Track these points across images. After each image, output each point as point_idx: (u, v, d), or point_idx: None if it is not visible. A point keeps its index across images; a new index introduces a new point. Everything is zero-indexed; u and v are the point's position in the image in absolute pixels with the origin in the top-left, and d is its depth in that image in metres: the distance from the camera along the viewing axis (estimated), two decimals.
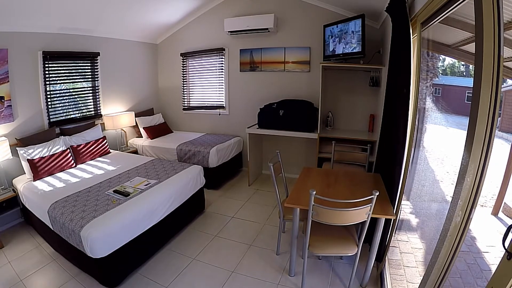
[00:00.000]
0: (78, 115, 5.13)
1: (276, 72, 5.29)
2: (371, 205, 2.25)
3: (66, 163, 4.30)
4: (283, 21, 5.06)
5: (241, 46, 5.53)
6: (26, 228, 4.11)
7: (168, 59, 6.53)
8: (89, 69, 5.24)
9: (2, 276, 3.18)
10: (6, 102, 4.08)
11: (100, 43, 5.31)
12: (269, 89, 5.41)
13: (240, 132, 5.77)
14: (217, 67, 5.91)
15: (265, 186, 5.08)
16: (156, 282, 2.91)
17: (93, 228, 2.68)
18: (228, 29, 5.24)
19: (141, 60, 6.30)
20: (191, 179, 3.86)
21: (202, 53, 5.96)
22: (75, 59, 4.99)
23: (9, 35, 4.04)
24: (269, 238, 3.52)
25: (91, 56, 5.18)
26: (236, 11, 5.35)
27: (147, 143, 5.65)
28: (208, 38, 5.84)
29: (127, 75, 5.97)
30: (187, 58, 6.22)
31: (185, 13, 5.67)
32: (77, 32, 4.87)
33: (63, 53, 4.74)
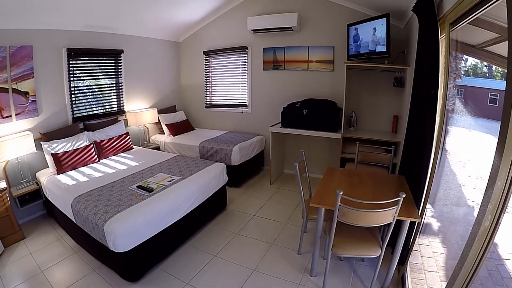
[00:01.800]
0: (101, 111, 5.21)
1: (299, 71, 5.26)
2: (397, 207, 2.22)
3: (89, 157, 4.37)
4: (307, 20, 5.03)
5: (264, 45, 5.52)
6: (48, 220, 4.20)
7: (191, 57, 6.57)
8: (113, 66, 5.32)
9: (23, 267, 3.25)
10: (30, 98, 4.17)
11: (124, 40, 5.38)
12: (292, 88, 5.38)
13: (262, 130, 5.76)
14: (240, 66, 5.91)
15: (286, 185, 5.05)
16: (176, 277, 2.93)
17: (116, 222, 2.71)
18: (251, 27, 5.24)
19: (164, 58, 6.36)
20: (214, 177, 3.86)
21: (225, 51, 5.97)
22: (99, 56, 5.07)
23: (34, 32, 4.13)
24: (291, 238, 3.49)
25: (115, 53, 5.25)
26: (259, 10, 5.34)
27: (169, 139, 5.70)
28: (231, 36, 5.86)
29: (150, 73, 6.05)
30: (210, 56, 6.24)
31: (207, 11, 5.69)
32: (101, 29, 4.94)
33: (87, 50, 4.82)
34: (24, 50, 4.02)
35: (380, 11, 4.21)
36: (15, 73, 3.97)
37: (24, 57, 4.03)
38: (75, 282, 2.93)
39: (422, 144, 2.63)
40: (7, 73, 3.90)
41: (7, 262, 3.36)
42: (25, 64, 4.06)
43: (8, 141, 3.73)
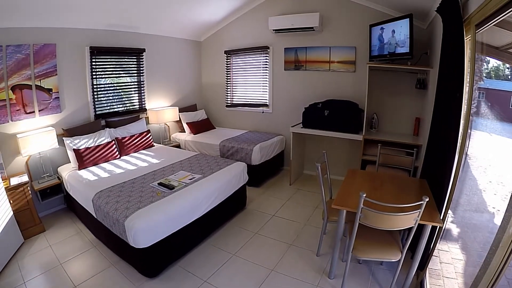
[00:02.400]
0: (122, 109, 5.29)
1: (321, 71, 5.22)
2: (420, 211, 2.19)
3: (110, 154, 4.45)
4: (328, 20, 5.00)
5: (285, 45, 5.50)
6: (68, 214, 4.28)
7: (212, 56, 6.61)
8: (135, 65, 5.39)
9: (42, 259, 3.32)
10: (54, 94, 4.27)
11: (146, 39, 5.45)
12: (313, 89, 5.35)
13: (282, 130, 5.75)
14: (261, 65, 5.91)
15: (306, 186, 5.02)
16: (194, 275, 2.94)
17: (137, 219, 2.73)
18: (273, 27, 5.24)
19: (185, 57, 6.42)
20: (235, 176, 3.87)
21: (246, 51, 5.98)
22: (121, 55, 5.14)
23: (57, 30, 4.22)
24: (310, 239, 3.47)
25: (137, 52, 5.32)
26: (281, 10, 5.34)
27: (190, 138, 5.74)
28: (252, 36, 5.87)
29: (171, 71, 6.11)
30: (231, 55, 6.26)
31: (228, 11, 5.72)
32: (123, 28, 5.02)
33: (109, 49, 4.91)
34: (48, 48, 4.12)
35: (402, 12, 4.16)
36: (38, 70, 4.07)
37: (48, 54, 4.13)
38: (94, 276, 2.98)
39: (445, 148, 2.59)
40: (31, 70, 4.00)
41: (26, 253, 3.44)
42: (48, 62, 4.15)
43: (31, 136, 3.83)
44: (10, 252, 3.38)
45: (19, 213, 3.60)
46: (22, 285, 2.91)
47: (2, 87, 3.76)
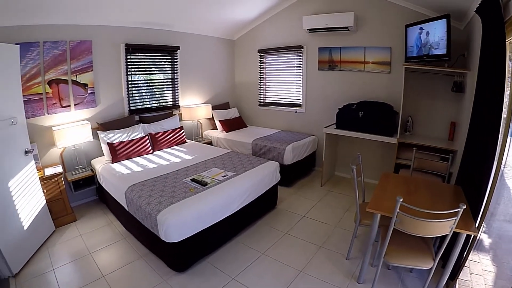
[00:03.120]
0: (155, 105, 5.39)
1: (355, 72, 5.13)
2: (456, 219, 2.12)
3: (144, 149, 4.53)
4: (363, 20, 4.91)
5: (319, 44, 5.45)
6: (100, 206, 4.40)
7: (245, 55, 6.64)
8: (169, 62, 5.48)
9: (72, 248, 3.42)
10: (89, 89, 4.39)
11: (180, 37, 5.52)
12: (347, 89, 5.27)
13: (315, 131, 5.69)
14: (294, 65, 5.87)
15: (337, 188, 4.96)
16: (223, 271, 2.94)
17: (170, 213, 2.76)
18: (307, 26, 5.19)
19: (218, 55, 6.47)
20: (267, 175, 3.86)
21: (279, 50, 5.96)
22: (156, 52, 5.24)
23: (93, 28, 4.34)
24: (340, 242, 3.43)
25: (171, 49, 5.41)
26: (315, 9, 5.29)
27: (222, 135, 5.78)
28: (286, 35, 5.84)
29: (204, 69, 6.17)
30: (264, 54, 6.26)
31: (262, 10, 5.72)
32: (158, 26, 5.10)
33: (144, 46, 5.00)
34: (84, 45, 4.24)
35: (439, 12, 4.04)
36: (75, 66, 4.19)
37: (84, 51, 4.25)
38: (122, 267, 3.04)
39: (483, 155, 2.49)
40: (67, 66, 4.13)
41: (57, 241, 3.55)
42: (84, 58, 4.28)
43: (67, 129, 3.94)
44: (41, 239, 3.50)
45: (52, 202, 3.73)
46: (51, 272, 3.01)
47: (39, 81, 3.90)
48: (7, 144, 3.09)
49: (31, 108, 3.87)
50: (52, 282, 2.87)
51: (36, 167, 3.57)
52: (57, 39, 3.99)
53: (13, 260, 2.96)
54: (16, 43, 3.34)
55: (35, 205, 3.42)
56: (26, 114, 3.58)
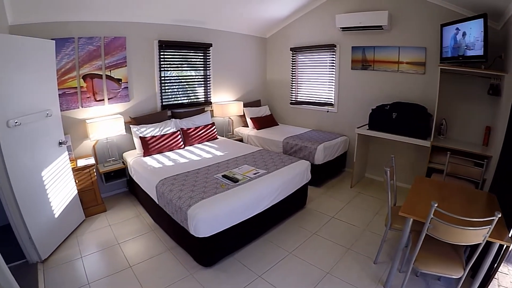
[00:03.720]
0: (186, 101, 5.44)
1: (389, 72, 4.99)
2: (491, 227, 2.03)
3: (175, 143, 4.58)
4: (397, 19, 4.77)
5: (353, 43, 5.34)
6: (129, 198, 4.49)
7: (277, 53, 6.60)
8: (202, 59, 5.52)
9: (100, 237, 3.50)
10: (123, 84, 4.48)
11: (213, 35, 5.56)
12: (380, 90, 5.13)
13: (346, 131, 5.59)
14: (327, 64, 5.78)
15: (367, 190, 4.86)
16: (249, 269, 2.93)
17: (200, 208, 2.77)
18: (340, 25, 5.11)
19: (250, 53, 6.47)
20: (298, 174, 3.82)
21: (312, 48, 5.89)
22: (189, 49, 5.29)
23: (127, 24, 4.42)
24: (368, 245, 3.35)
25: (204, 47, 5.45)
26: (348, 7, 5.20)
27: (253, 133, 5.79)
28: (319, 33, 5.76)
29: (236, 66, 6.18)
30: (297, 53, 6.20)
31: (294, 8, 5.67)
32: (191, 24, 5.15)
33: (177, 43, 5.05)
34: (118, 41, 4.33)
35: (474, 11, 3.89)
36: (109, 61, 4.30)
37: (118, 47, 4.35)
38: (149, 259, 3.08)
39: None
40: (102, 61, 4.24)
41: (86, 230, 3.65)
42: (118, 54, 4.37)
43: (100, 122, 4.05)
44: (71, 228, 3.60)
45: (83, 192, 3.83)
46: (79, 260, 3.09)
47: (74, 75, 4.02)
48: (42, 135, 3.20)
49: (66, 101, 3.99)
50: (80, 270, 2.95)
51: (69, 158, 3.68)
52: (91, 35, 4.11)
53: (43, 246, 3.06)
54: (52, 38, 3.45)
55: (66, 194, 3.51)
56: (61, 107, 3.71)
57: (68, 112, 4.05)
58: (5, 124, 2.70)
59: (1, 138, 2.66)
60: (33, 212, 2.98)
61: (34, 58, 3.09)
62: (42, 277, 2.84)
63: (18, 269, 2.08)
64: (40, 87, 3.19)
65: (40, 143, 3.17)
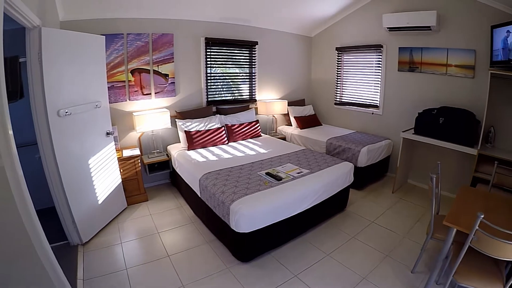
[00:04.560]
0: (230, 97, 5.50)
1: (436, 75, 4.76)
2: None
3: (219, 139, 4.64)
4: (446, 19, 4.53)
5: (399, 44, 5.14)
6: (171, 189, 4.60)
7: (322, 52, 6.51)
8: (247, 57, 5.57)
9: (141, 225, 3.63)
10: (170, 79, 4.60)
11: (258, 33, 5.57)
12: (427, 93, 4.90)
13: (391, 134, 5.39)
14: (373, 64, 5.62)
15: (409, 197, 4.68)
16: (286, 267, 2.91)
17: (243, 204, 2.78)
18: (387, 25, 4.95)
19: (295, 52, 6.43)
20: (341, 175, 3.75)
21: (358, 48, 5.75)
22: (235, 47, 5.35)
23: (175, 22, 4.54)
24: (406, 253, 3.24)
25: (250, 44, 5.48)
26: (395, 6, 5.01)
27: (296, 132, 5.75)
28: (365, 33, 5.61)
29: (281, 65, 6.16)
30: (342, 52, 6.08)
31: (341, 6, 5.57)
32: (237, 22, 5.19)
33: (223, 40, 5.11)
34: (166, 37, 4.46)
35: None
36: (156, 57, 4.42)
37: (166, 43, 4.47)
38: (187, 249, 3.15)
39: None
40: (149, 57, 4.38)
41: (127, 218, 3.79)
42: (166, 50, 4.49)
43: (147, 116, 4.18)
44: (113, 214, 3.75)
45: (127, 181, 3.97)
46: (118, 245, 3.21)
47: (123, 70, 4.19)
48: (90, 125, 3.36)
49: (114, 94, 4.17)
50: (118, 254, 3.06)
51: (115, 148, 3.82)
52: (140, 31, 4.26)
53: (84, 230, 3.20)
54: (102, 34, 3.61)
55: (111, 182, 3.66)
56: (109, 99, 3.87)
57: (116, 104, 4.23)
58: (56, 114, 2.85)
59: (52, 127, 2.82)
60: (78, 197, 3.13)
61: (85, 52, 3.26)
62: (82, 259, 2.97)
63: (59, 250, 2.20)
64: (90, 80, 3.35)
65: (89, 133, 3.33)
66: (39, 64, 2.72)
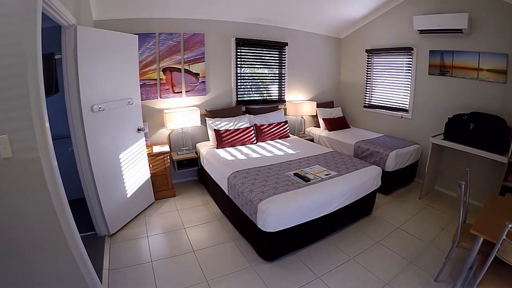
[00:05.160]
0: (258, 98, 5.52)
1: (467, 79, 4.56)
2: None
3: (248, 138, 4.66)
4: (477, 22, 4.34)
5: (430, 47, 4.95)
6: (198, 186, 4.68)
7: (352, 54, 6.41)
8: (277, 57, 5.57)
9: (167, 220, 3.71)
10: (200, 78, 4.68)
11: (288, 34, 5.55)
12: (457, 98, 4.72)
13: (420, 139, 5.21)
14: (403, 67, 5.48)
15: (436, 204, 4.52)
16: (309, 268, 2.88)
17: (271, 204, 2.78)
18: (417, 27, 4.82)
19: (325, 53, 6.36)
20: (369, 179, 3.69)
21: (388, 51, 5.63)
22: (264, 47, 5.36)
23: (206, 22, 4.61)
24: (431, 261, 3.13)
25: (280, 45, 5.47)
26: (426, 8, 4.85)
27: (324, 134, 5.70)
28: (395, 35, 5.48)
29: (310, 66, 6.12)
30: (372, 55, 5.98)
31: (371, 8, 5.46)
32: (267, 22, 5.19)
33: (254, 41, 5.14)
34: (197, 37, 4.54)
35: None
36: (188, 56, 4.51)
37: (197, 43, 4.55)
38: (212, 246, 3.18)
39: None
40: (181, 56, 4.46)
41: (154, 212, 3.87)
42: (197, 49, 4.57)
43: (177, 113, 4.26)
44: (141, 208, 3.85)
45: (155, 176, 4.07)
46: (145, 238, 3.29)
47: (154, 68, 4.31)
48: (122, 121, 3.46)
49: (146, 92, 4.28)
50: (144, 247, 3.13)
51: (146, 144, 3.92)
52: (171, 31, 4.36)
53: (112, 222, 3.30)
54: (135, 33, 3.71)
55: (140, 177, 3.76)
56: (141, 96, 3.96)
57: (147, 102, 4.33)
58: (90, 109, 2.96)
59: (85, 121, 2.92)
60: (107, 190, 3.23)
61: (119, 50, 3.37)
62: (108, 249, 3.06)
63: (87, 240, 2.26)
64: (123, 77, 3.46)
65: (120, 128, 3.43)
66: (74, 61, 2.83)
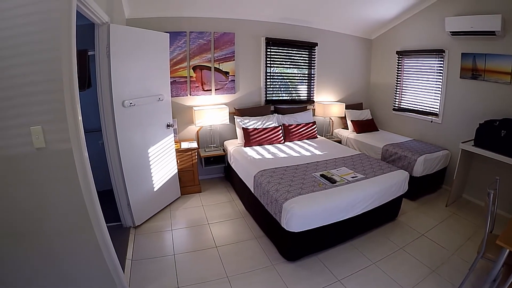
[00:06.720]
0: (287, 98, 5.52)
1: (499, 84, 4.32)
2: None
3: (276, 138, 4.66)
4: (511, 24, 4.09)
5: (462, 49, 4.73)
6: (224, 183, 4.73)
7: (382, 55, 6.25)
8: (307, 58, 5.54)
9: (192, 215, 3.79)
10: (230, 77, 4.73)
11: (318, 34, 5.49)
12: (489, 103, 4.48)
13: (449, 145, 4.99)
14: (434, 70, 5.27)
15: (462, 212, 4.36)
16: (330, 271, 2.86)
17: (296, 203, 2.77)
18: (450, 29, 4.62)
19: (354, 54, 6.26)
20: (396, 184, 3.61)
21: (419, 53, 5.45)
22: (294, 47, 5.34)
23: (236, 21, 4.65)
24: (454, 271, 3.03)
25: (310, 45, 5.44)
26: (459, 9, 4.63)
27: (352, 136, 5.62)
28: (426, 37, 5.28)
29: (340, 67, 6.04)
30: (403, 56, 5.80)
31: (402, 9, 5.30)
32: (297, 22, 5.17)
33: (283, 41, 5.13)
34: (227, 36, 4.59)
35: None
36: (218, 55, 4.57)
37: (227, 42, 4.60)
38: (235, 243, 3.21)
39: None
40: (211, 54, 4.53)
41: (180, 206, 3.97)
42: (227, 48, 4.63)
43: (206, 111, 4.34)
44: (167, 201, 3.95)
45: (182, 172, 4.16)
46: (169, 231, 3.37)
47: (185, 66, 4.40)
48: (152, 117, 3.56)
49: (176, 89, 4.39)
50: (168, 240, 3.21)
51: (174, 140, 4.03)
52: (202, 30, 4.43)
53: (138, 214, 3.40)
54: (166, 31, 3.77)
55: (167, 171, 3.86)
56: (171, 93, 4.05)
57: (177, 99, 4.44)
58: (121, 104, 3.06)
59: (116, 116, 3.02)
60: (135, 183, 3.32)
61: (150, 48, 3.46)
62: (133, 240, 3.16)
63: (112, 230, 2.34)
64: (154, 74, 3.56)
65: (150, 123, 3.53)
66: (107, 57, 2.94)
